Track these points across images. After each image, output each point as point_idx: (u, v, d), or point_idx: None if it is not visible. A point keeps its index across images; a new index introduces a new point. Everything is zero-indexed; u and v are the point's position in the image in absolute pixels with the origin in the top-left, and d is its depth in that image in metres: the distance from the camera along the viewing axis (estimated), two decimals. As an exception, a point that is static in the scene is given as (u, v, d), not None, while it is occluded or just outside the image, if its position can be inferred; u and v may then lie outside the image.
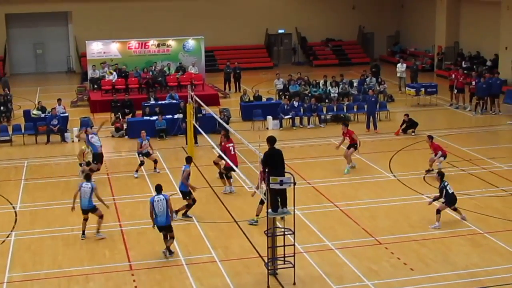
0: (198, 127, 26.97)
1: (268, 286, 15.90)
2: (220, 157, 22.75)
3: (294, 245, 16.20)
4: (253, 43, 51.78)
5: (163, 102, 34.02)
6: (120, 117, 32.27)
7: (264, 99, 35.58)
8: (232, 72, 41.45)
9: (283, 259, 16.29)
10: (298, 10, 51.80)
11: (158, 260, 17.58)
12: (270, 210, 16.13)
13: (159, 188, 17.87)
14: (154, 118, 30.74)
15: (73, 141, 30.11)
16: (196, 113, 28.12)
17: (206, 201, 21.07)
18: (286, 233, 16.43)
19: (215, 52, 49.72)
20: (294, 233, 16.20)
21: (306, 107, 32.82)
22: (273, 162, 16.09)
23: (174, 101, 33.85)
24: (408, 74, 40.45)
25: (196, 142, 28.06)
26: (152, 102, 33.80)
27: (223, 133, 22.99)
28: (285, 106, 32.41)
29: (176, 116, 30.94)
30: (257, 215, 19.60)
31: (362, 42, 53.80)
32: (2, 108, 34.01)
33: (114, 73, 38.14)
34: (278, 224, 17.68)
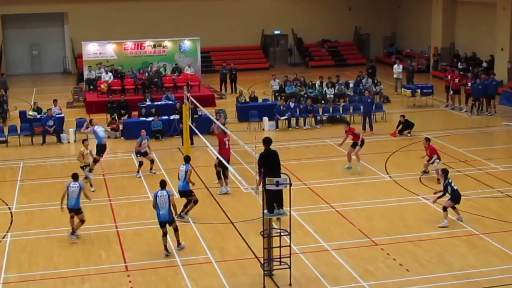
0: (194, 128, 26.99)
1: (264, 287, 15.90)
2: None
3: (290, 246, 16.19)
4: (249, 44, 51.79)
5: (159, 103, 33.97)
6: (116, 118, 32.26)
7: (260, 100, 35.63)
8: (228, 73, 41.45)
9: (279, 260, 16.27)
10: (294, 11, 51.84)
11: (154, 261, 17.57)
12: (266, 211, 16.13)
13: (164, 184, 18.22)
14: (150, 119, 30.74)
15: (69, 142, 30.10)
16: (192, 114, 28.15)
17: (202, 202, 21.03)
18: (282, 234, 16.42)
19: (211, 53, 49.74)
20: (290, 234, 16.19)
21: (302, 108, 32.83)
22: (269, 163, 16.10)
23: (170, 102, 33.83)
24: (404, 75, 40.51)
25: (192, 143, 28.08)
26: (148, 103, 33.78)
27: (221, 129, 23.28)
28: (281, 107, 32.42)
29: (172, 117, 30.95)
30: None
31: (358, 43, 53.84)
32: (-2, 109, 34.06)
33: (110, 73, 38.12)
34: (274, 225, 17.68)
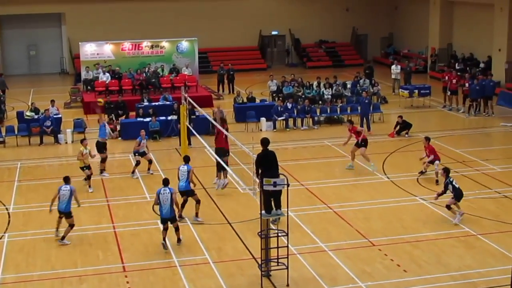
0: (192, 129, 26.98)
1: (262, 288, 15.93)
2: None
3: (288, 247, 16.17)
4: (247, 45, 51.77)
5: (157, 104, 33.99)
6: (114, 119, 32.24)
7: (258, 101, 35.61)
8: (226, 74, 41.43)
9: (277, 261, 16.27)
10: (292, 12, 51.81)
11: (152, 262, 17.57)
12: (264, 212, 16.13)
13: (167, 181, 18.55)
14: (148, 120, 30.74)
15: (66, 143, 30.08)
16: (190, 115, 28.15)
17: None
18: (280, 235, 16.42)
19: (209, 54, 49.69)
20: (288, 235, 16.19)
21: (300, 109, 32.82)
22: (266, 164, 16.10)
23: (168, 103, 33.83)
24: (402, 76, 40.51)
25: (190, 144, 28.06)
26: (146, 104, 33.77)
27: (220, 118, 23.93)
28: (279, 108, 32.42)
29: (170, 118, 30.95)
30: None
31: (356, 44, 53.83)
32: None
33: (108, 74, 38.10)
34: (272, 226, 17.69)
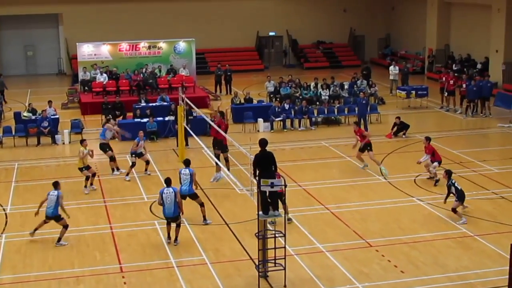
0: (189, 129, 26.98)
1: (259, 289, 15.93)
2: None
3: (285, 248, 16.16)
4: (244, 46, 51.80)
5: (154, 104, 33.97)
6: (111, 119, 32.16)
7: (255, 102, 35.61)
8: (223, 75, 41.44)
9: (274, 262, 16.26)
10: (289, 13, 51.83)
11: (149, 263, 17.56)
12: (261, 213, 16.12)
13: (169, 181, 18.73)
14: (145, 120, 30.75)
15: (64, 143, 30.07)
16: (187, 115, 28.13)
17: (197, 203, 20.98)
18: (277, 236, 16.43)
19: (206, 55, 49.72)
20: (285, 236, 16.17)
21: (297, 110, 32.85)
22: (264, 165, 16.08)
23: (165, 103, 33.82)
24: (399, 77, 40.54)
25: (187, 144, 28.06)
26: (143, 104, 33.76)
27: (220, 111, 24.98)
28: (276, 109, 32.43)
29: (167, 118, 30.95)
30: (287, 213, 19.84)
31: (353, 45, 53.87)
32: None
33: (105, 75, 38.07)
34: (269, 227, 17.68)
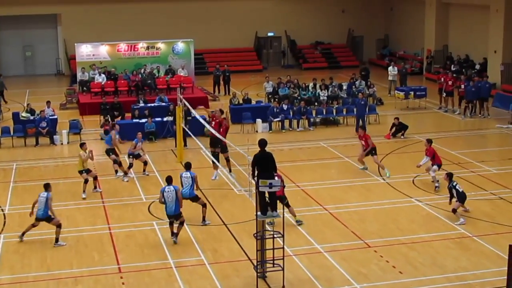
0: (188, 130, 26.98)
1: (257, 289, 15.92)
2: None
3: (283, 248, 16.16)
4: (243, 46, 51.79)
5: (153, 105, 33.96)
6: (109, 120, 32.18)
7: (254, 102, 35.62)
8: (222, 75, 41.45)
9: (272, 262, 16.26)
10: (288, 13, 51.83)
11: (147, 263, 17.56)
12: (259, 213, 16.12)
13: (170, 179, 18.85)
14: (144, 121, 30.74)
15: (62, 144, 30.05)
16: (186, 116, 28.13)
17: (195, 204, 20.99)
18: (275, 236, 16.43)
19: (205, 55, 49.70)
20: (283, 236, 16.18)
21: (296, 110, 32.84)
22: (263, 165, 16.07)
23: (164, 104, 33.82)
24: (398, 78, 40.56)
25: (186, 145, 28.05)
26: (142, 105, 33.75)
27: (219, 109, 25.66)
28: (275, 109, 32.42)
29: (166, 119, 30.94)
30: (295, 216, 20.05)
31: (352, 45, 53.87)
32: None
33: (103, 75, 38.05)
34: (268, 227, 17.68)
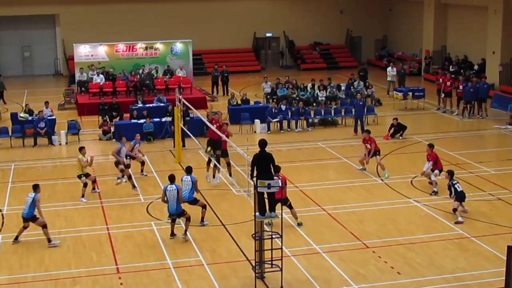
0: (186, 130, 26.98)
1: (256, 290, 15.92)
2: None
3: (282, 249, 16.16)
4: (241, 47, 51.77)
5: (151, 105, 33.97)
6: (108, 120, 32.19)
7: (252, 103, 35.62)
8: (220, 76, 41.45)
9: (271, 263, 16.26)
10: (286, 14, 51.82)
11: (145, 263, 17.55)
12: (258, 214, 16.11)
13: (173, 178, 18.91)
14: (142, 121, 30.73)
15: (60, 144, 30.02)
16: (184, 116, 28.12)
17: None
18: (274, 237, 16.42)
19: (203, 56, 49.65)
20: (282, 237, 16.18)
21: (294, 111, 32.82)
22: (262, 165, 16.05)
23: (162, 104, 33.82)
24: (396, 78, 40.57)
25: (184, 145, 28.04)
26: (140, 105, 33.74)
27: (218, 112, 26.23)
28: (273, 110, 32.41)
29: (164, 119, 30.94)
30: (296, 218, 20.04)
31: (350, 46, 53.85)
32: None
33: (102, 75, 38.03)
34: (266, 228, 17.68)
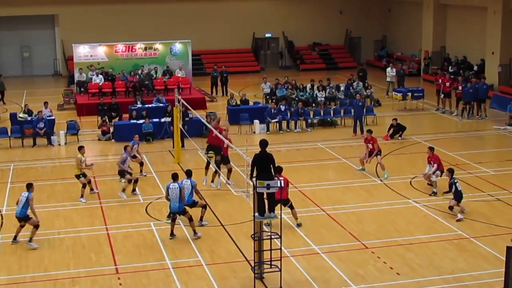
0: (185, 131, 26.98)
1: (255, 290, 15.92)
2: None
3: (281, 249, 16.16)
4: (240, 47, 51.78)
5: (150, 106, 33.96)
6: (107, 120, 32.18)
7: (251, 103, 35.60)
8: (219, 76, 41.44)
9: (270, 263, 16.25)
10: (285, 14, 51.81)
11: (144, 264, 17.55)
12: (257, 214, 16.11)
13: (176, 176, 19.12)
14: (141, 122, 30.72)
15: (60, 144, 30.00)
16: (183, 117, 28.13)
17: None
18: (273, 237, 16.42)
19: (202, 56, 49.66)
20: (281, 237, 16.18)
21: (293, 111, 32.82)
22: (263, 166, 16.03)
23: (161, 105, 33.81)
24: (395, 79, 40.56)
25: (183, 146, 28.03)
26: (139, 106, 33.73)
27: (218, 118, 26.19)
28: (272, 110, 32.41)
29: (163, 120, 30.93)
30: (296, 218, 20.06)
31: (349, 47, 53.86)
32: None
33: (101, 76, 38.02)
34: (265, 228, 17.68)
